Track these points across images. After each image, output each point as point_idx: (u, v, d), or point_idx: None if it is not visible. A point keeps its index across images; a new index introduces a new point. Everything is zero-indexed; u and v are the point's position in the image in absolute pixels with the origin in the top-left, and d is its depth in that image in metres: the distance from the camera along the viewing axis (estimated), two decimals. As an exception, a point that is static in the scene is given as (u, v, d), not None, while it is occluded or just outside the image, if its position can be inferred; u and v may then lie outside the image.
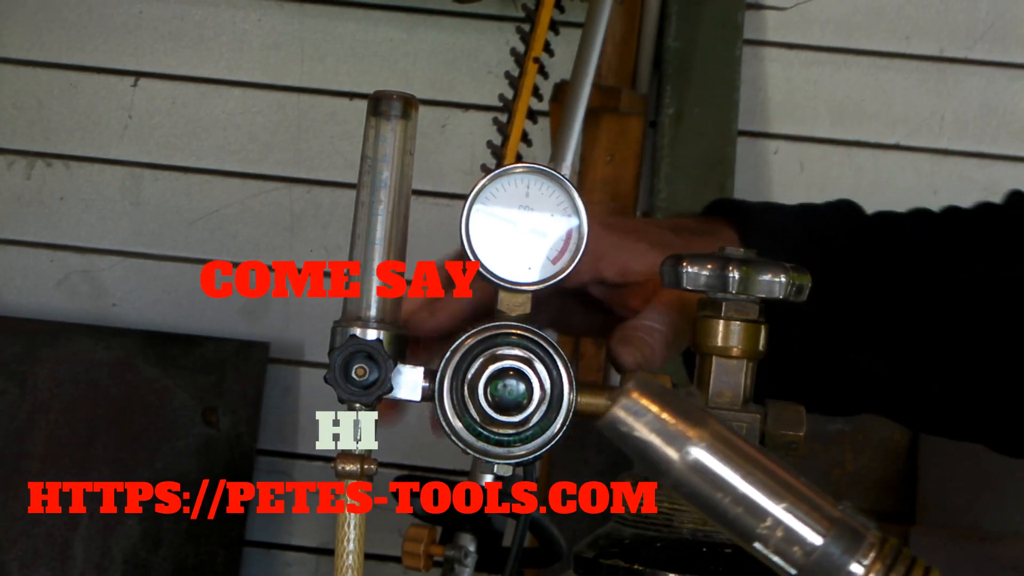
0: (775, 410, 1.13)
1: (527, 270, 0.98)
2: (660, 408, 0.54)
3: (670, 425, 0.53)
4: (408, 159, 1.01)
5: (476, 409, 0.96)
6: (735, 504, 0.53)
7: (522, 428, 0.96)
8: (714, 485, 0.53)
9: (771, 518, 0.53)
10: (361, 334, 0.99)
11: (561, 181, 0.99)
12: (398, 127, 1.01)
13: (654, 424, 0.53)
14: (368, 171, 1.01)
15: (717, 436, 0.53)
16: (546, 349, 0.96)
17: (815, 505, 0.53)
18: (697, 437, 0.53)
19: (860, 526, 0.53)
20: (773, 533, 0.53)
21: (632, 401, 0.54)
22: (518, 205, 0.99)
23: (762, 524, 0.53)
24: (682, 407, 0.54)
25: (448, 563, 2.13)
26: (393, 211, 1.00)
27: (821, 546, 0.53)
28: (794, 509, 0.53)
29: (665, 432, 0.53)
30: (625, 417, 0.54)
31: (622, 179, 3.06)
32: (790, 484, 0.53)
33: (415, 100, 1.03)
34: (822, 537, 0.53)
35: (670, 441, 0.53)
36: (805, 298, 1.07)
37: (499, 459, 0.98)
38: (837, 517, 0.53)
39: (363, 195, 1.01)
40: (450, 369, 0.97)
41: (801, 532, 0.53)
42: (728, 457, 0.53)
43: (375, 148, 1.01)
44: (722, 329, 1.04)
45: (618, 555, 0.99)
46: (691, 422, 0.53)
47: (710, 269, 1.00)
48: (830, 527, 0.53)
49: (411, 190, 1.02)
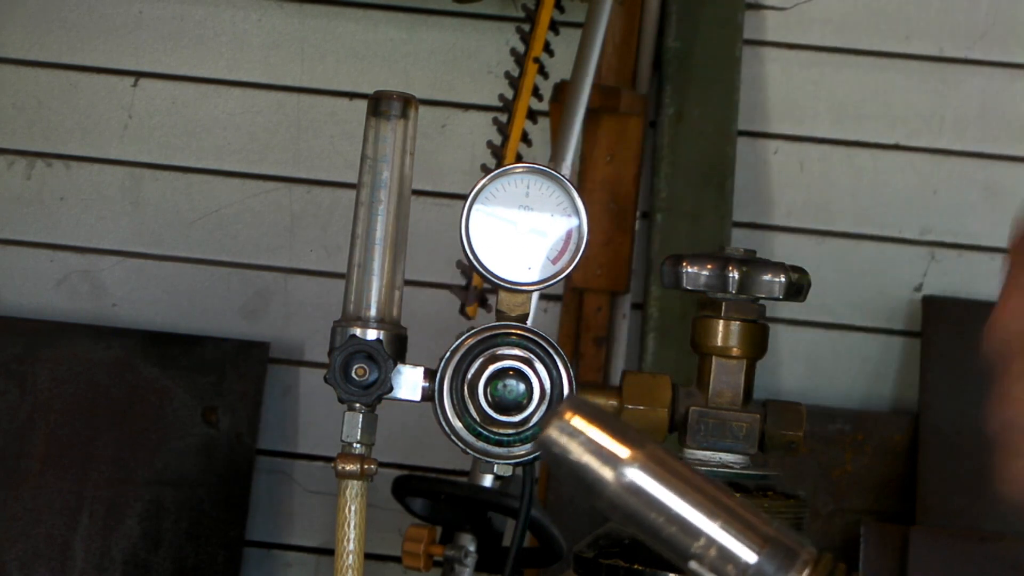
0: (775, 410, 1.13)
1: (527, 270, 0.98)
2: (595, 428, 0.53)
3: (605, 446, 0.53)
4: (408, 159, 1.01)
5: (476, 409, 0.96)
6: (669, 524, 0.52)
7: (522, 428, 0.96)
8: (649, 506, 0.52)
9: (705, 537, 0.52)
10: (361, 334, 0.99)
11: (561, 181, 0.99)
12: (398, 127, 1.01)
13: (588, 445, 0.53)
14: (368, 171, 1.01)
15: (652, 457, 0.53)
16: (546, 349, 0.96)
17: (748, 524, 0.53)
18: (631, 458, 0.52)
19: (794, 543, 0.53)
20: (707, 552, 0.53)
21: (565, 423, 0.53)
22: (518, 205, 0.99)
23: (696, 543, 0.53)
24: (617, 428, 0.53)
25: (448, 563, 2.13)
26: (393, 211, 1.00)
27: (755, 564, 0.52)
28: (728, 527, 0.52)
29: (599, 453, 0.52)
30: (558, 438, 0.53)
31: (622, 179, 3.06)
32: (724, 504, 0.53)
33: (415, 100, 1.03)
34: (756, 555, 0.53)
35: (605, 462, 0.52)
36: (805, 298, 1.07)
37: (499, 459, 0.98)
38: (771, 535, 0.53)
39: (363, 195, 1.01)
40: (450, 369, 0.97)
41: (735, 550, 0.53)
42: (663, 478, 0.52)
43: (375, 148, 1.01)
44: (722, 329, 1.04)
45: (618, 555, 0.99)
46: (626, 442, 0.53)
47: (710, 269, 1.00)
48: (764, 544, 0.53)
49: (411, 190, 1.02)
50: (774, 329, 1.40)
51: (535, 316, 2.76)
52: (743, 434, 1.13)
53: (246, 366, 3.10)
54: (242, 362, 3.10)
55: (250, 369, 3.10)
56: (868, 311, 3.13)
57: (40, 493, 3.02)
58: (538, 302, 2.96)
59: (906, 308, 3.12)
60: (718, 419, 1.13)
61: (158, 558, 3.01)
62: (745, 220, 3.13)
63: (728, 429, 1.13)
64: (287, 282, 3.20)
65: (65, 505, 3.01)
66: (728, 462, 1.14)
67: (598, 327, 3.05)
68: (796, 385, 3.11)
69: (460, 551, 2.13)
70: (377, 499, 1.65)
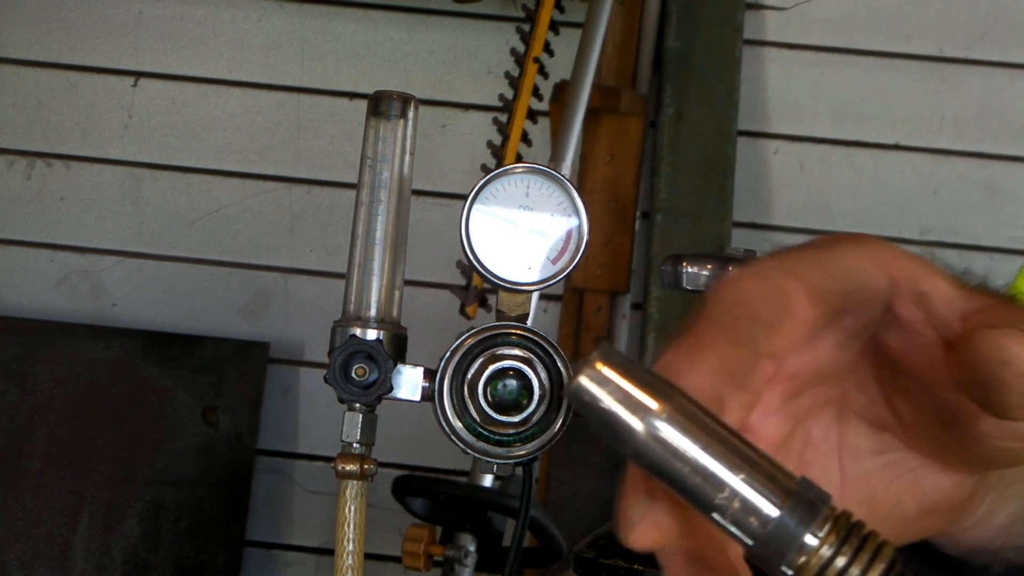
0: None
1: (527, 270, 0.98)
2: (625, 378, 0.54)
3: (634, 396, 0.54)
4: (408, 159, 1.01)
5: (476, 409, 0.96)
6: (694, 474, 0.54)
7: (522, 428, 0.96)
8: (675, 456, 0.54)
9: (728, 489, 0.54)
10: (361, 334, 0.99)
11: (561, 181, 0.99)
12: (398, 127, 1.01)
13: (618, 394, 0.54)
14: (368, 171, 1.01)
15: (680, 408, 0.54)
16: (546, 349, 0.96)
17: (772, 477, 0.54)
18: (660, 408, 0.54)
19: (816, 499, 0.54)
20: (731, 504, 0.54)
21: (596, 371, 0.54)
22: (518, 205, 0.99)
23: (720, 495, 0.54)
24: (647, 378, 0.55)
25: (448, 563, 2.13)
26: (393, 211, 1.00)
27: (777, 517, 0.54)
28: (751, 480, 0.54)
29: (629, 402, 0.54)
30: (589, 386, 0.54)
31: (622, 179, 3.06)
32: (749, 457, 0.54)
33: (415, 100, 1.03)
34: (778, 509, 0.54)
35: (634, 411, 0.54)
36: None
37: (499, 459, 0.98)
38: (794, 490, 0.54)
39: (363, 195, 1.01)
40: (450, 369, 0.97)
41: (757, 503, 0.54)
42: (690, 429, 0.54)
43: (375, 148, 1.01)
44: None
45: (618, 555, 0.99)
46: (655, 393, 0.54)
47: (710, 269, 1.00)
48: (786, 499, 0.54)
49: (411, 190, 1.02)
50: (774, 329, 1.40)
51: (535, 316, 2.76)
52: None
53: (246, 366, 3.10)
54: (242, 362, 3.10)
55: (250, 369, 3.10)
56: (868, 311, 3.13)
57: (40, 493, 3.02)
58: (538, 302, 2.96)
59: (906, 308, 3.12)
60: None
61: (158, 558, 3.01)
62: (745, 220, 3.13)
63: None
64: (287, 282, 3.20)
65: (65, 505, 3.01)
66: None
67: (598, 327, 3.05)
68: (796, 385, 3.11)
69: (460, 551, 2.13)
70: (377, 499, 1.66)
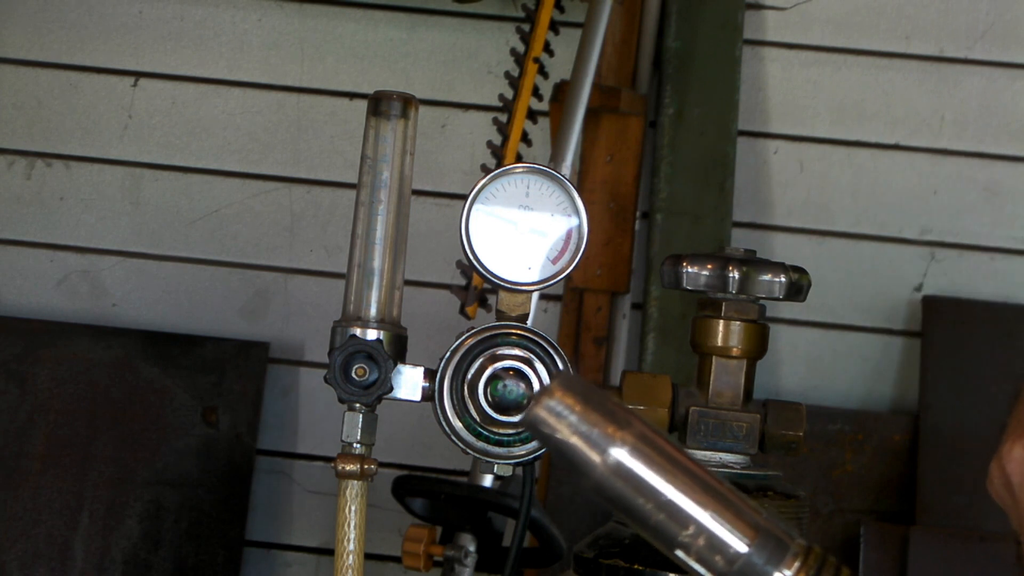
0: (775, 410, 1.13)
1: (527, 270, 0.98)
2: (583, 408, 0.51)
3: (592, 427, 0.51)
4: (408, 159, 1.01)
5: (476, 409, 0.96)
6: (657, 510, 0.51)
7: (522, 428, 0.96)
8: (636, 490, 0.51)
9: (694, 525, 0.51)
10: (361, 334, 0.99)
11: (561, 181, 0.99)
12: (398, 127, 1.01)
13: (576, 426, 0.51)
14: (368, 171, 1.01)
15: (641, 438, 0.51)
16: (546, 349, 0.96)
17: (740, 512, 0.51)
18: (620, 440, 0.51)
19: (784, 535, 0.52)
20: (695, 541, 0.51)
21: (555, 401, 0.52)
22: (518, 205, 0.99)
23: (684, 531, 0.51)
24: (607, 408, 0.52)
25: (448, 563, 2.13)
26: (393, 211, 1.00)
27: (745, 555, 0.51)
28: (718, 516, 0.51)
29: (587, 434, 0.51)
30: (546, 417, 0.51)
31: (622, 179, 3.06)
32: (715, 490, 0.51)
33: (415, 100, 1.03)
34: (746, 546, 0.51)
35: (592, 444, 0.51)
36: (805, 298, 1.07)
37: (499, 459, 0.98)
38: (762, 525, 0.51)
39: (363, 195, 1.01)
40: (450, 369, 0.97)
41: (725, 540, 0.51)
42: (652, 461, 0.51)
43: (375, 148, 1.01)
44: (722, 329, 1.04)
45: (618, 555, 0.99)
46: (615, 423, 0.51)
47: (710, 269, 1.00)
48: (755, 536, 0.51)
49: (411, 190, 1.02)
50: (774, 329, 1.40)
51: (535, 316, 2.76)
52: (743, 434, 1.13)
53: (246, 366, 3.10)
54: (242, 362, 3.10)
55: (250, 369, 3.10)
56: (868, 311, 3.13)
57: (40, 493, 3.02)
58: (538, 302, 2.96)
59: (906, 308, 3.12)
60: (718, 419, 1.13)
61: (158, 558, 3.01)
62: (745, 220, 3.13)
63: (728, 429, 1.13)
64: (287, 282, 3.20)
65: (65, 505, 3.01)
66: (728, 462, 1.14)
67: (598, 327, 3.05)
68: (796, 385, 3.11)
69: (460, 551, 2.13)
70: (377, 499, 1.66)
